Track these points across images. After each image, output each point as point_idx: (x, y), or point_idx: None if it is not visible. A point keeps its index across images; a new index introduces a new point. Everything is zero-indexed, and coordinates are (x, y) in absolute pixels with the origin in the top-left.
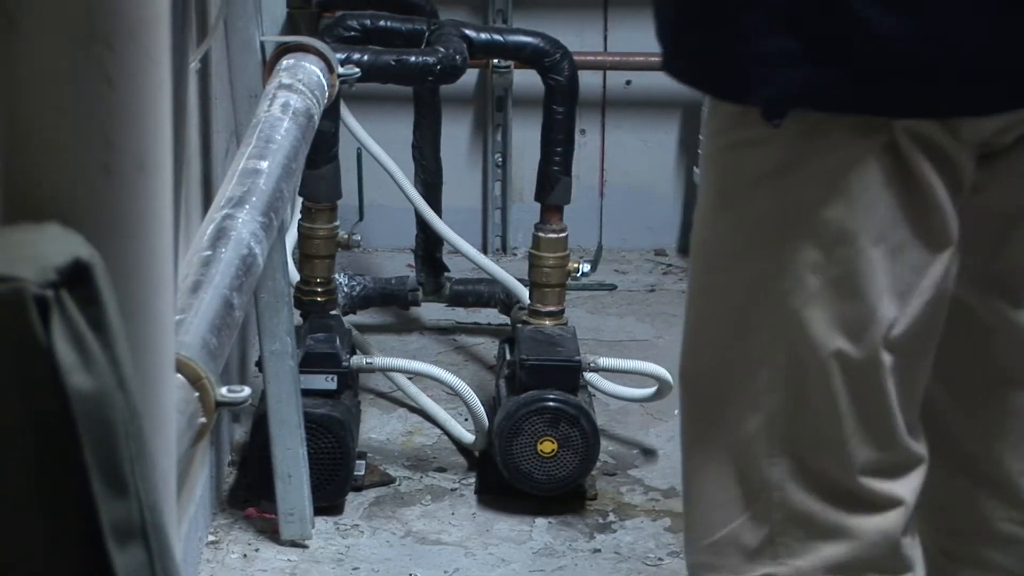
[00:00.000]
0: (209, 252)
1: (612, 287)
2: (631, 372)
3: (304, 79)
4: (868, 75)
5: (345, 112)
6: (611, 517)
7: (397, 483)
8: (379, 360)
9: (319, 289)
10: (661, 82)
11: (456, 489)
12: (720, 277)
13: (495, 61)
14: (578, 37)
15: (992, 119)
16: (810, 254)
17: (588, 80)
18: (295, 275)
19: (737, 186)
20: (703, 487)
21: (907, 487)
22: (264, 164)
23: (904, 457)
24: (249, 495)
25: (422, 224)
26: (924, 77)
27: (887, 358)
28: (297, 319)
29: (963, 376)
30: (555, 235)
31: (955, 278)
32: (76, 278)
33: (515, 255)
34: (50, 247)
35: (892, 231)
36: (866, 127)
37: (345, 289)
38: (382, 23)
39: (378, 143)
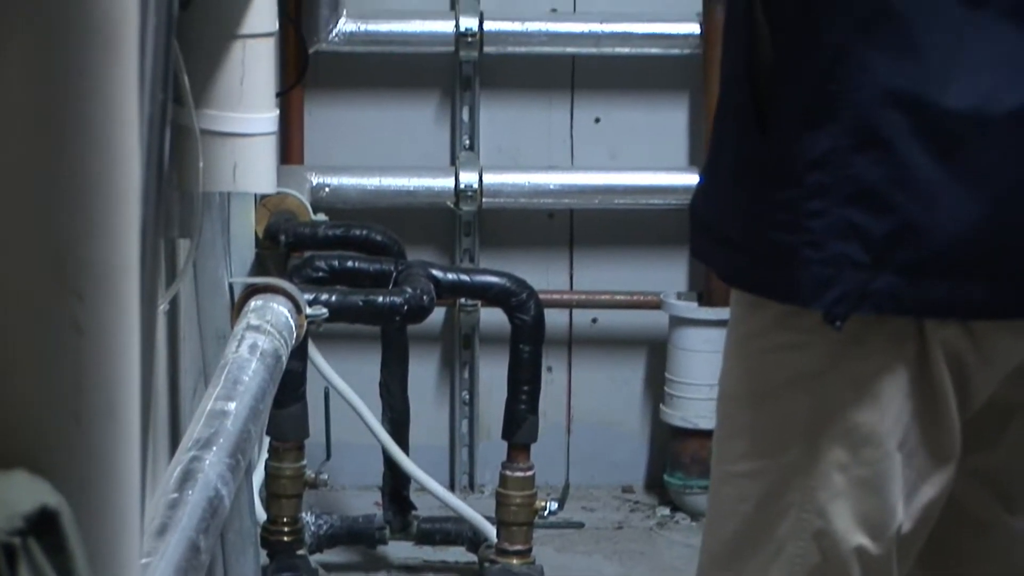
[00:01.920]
0: (176, 495)
1: (580, 525)
2: None
3: (272, 320)
4: (920, 278)
5: (313, 351)
6: None
7: None
8: None
9: (286, 528)
10: (627, 320)
11: None
12: (751, 465)
13: (462, 300)
14: (544, 275)
15: None
16: (839, 454)
17: (554, 318)
18: (262, 515)
19: (774, 386)
20: None
21: None
22: (232, 405)
23: None
24: None
25: (389, 462)
26: (974, 277)
27: (895, 555)
28: (264, 558)
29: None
30: (522, 473)
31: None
32: (43, 526)
33: (483, 492)
34: (17, 494)
35: (909, 437)
36: (902, 335)
37: (312, 528)
38: (350, 264)
39: (346, 381)
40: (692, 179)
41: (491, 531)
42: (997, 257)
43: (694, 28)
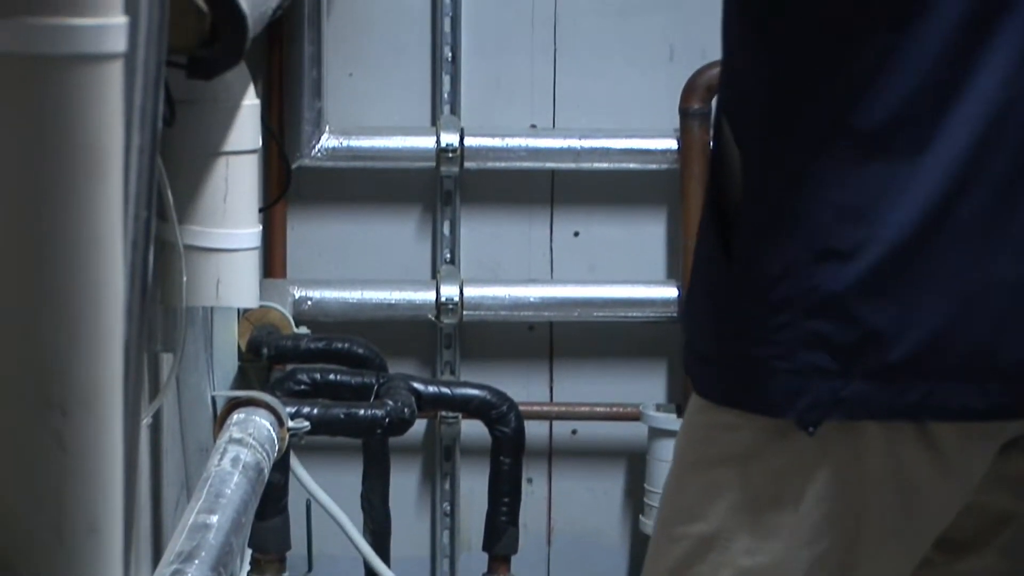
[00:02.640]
0: None
1: None
2: None
3: (254, 433)
4: (889, 384)
5: (295, 463)
6: None
7: None
8: None
9: None
10: (607, 431)
11: None
12: (674, 529)
13: (443, 412)
14: (524, 387)
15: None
16: (746, 540)
17: (534, 429)
18: None
19: (706, 460)
20: None
21: None
22: (214, 519)
23: None
24: None
25: (371, 574)
26: (944, 381)
27: None
28: None
29: None
30: None
31: None
32: None
33: None
34: None
35: (822, 538)
36: (835, 437)
37: None
38: (332, 377)
39: (328, 493)
40: (670, 292)
41: None
42: (965, 360)
43: (671, 144)
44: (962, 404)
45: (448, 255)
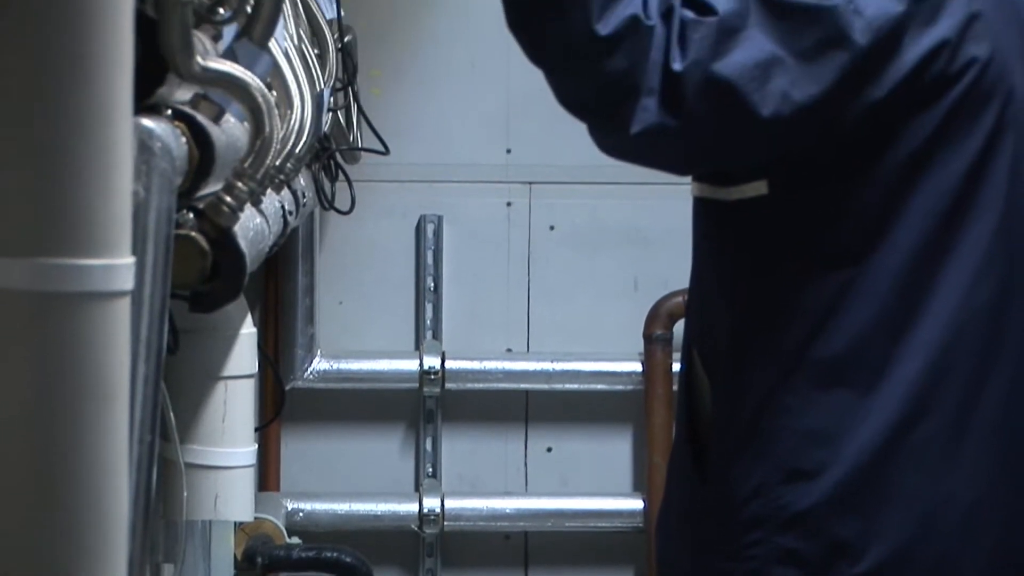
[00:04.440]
0: None
1: None
2: None
3: None
4: None
5: None
6: None
7: None
8: None
9: None
10: None
11: None
12: None
13: None
14: None
15: None
16: None
17: None
18: None
19: None
20: None
21: None
22: None
23: None
24: None
25: None
26: None
27: None
28: None
29: None
30: None
31: None
32: None
33: None
34: None
35: None
36: None
37: None
38: None
39: None
40: (637, 504)
41: None
42: (928, 573)
43: (636, 367)
44: None
45: (430, 469)
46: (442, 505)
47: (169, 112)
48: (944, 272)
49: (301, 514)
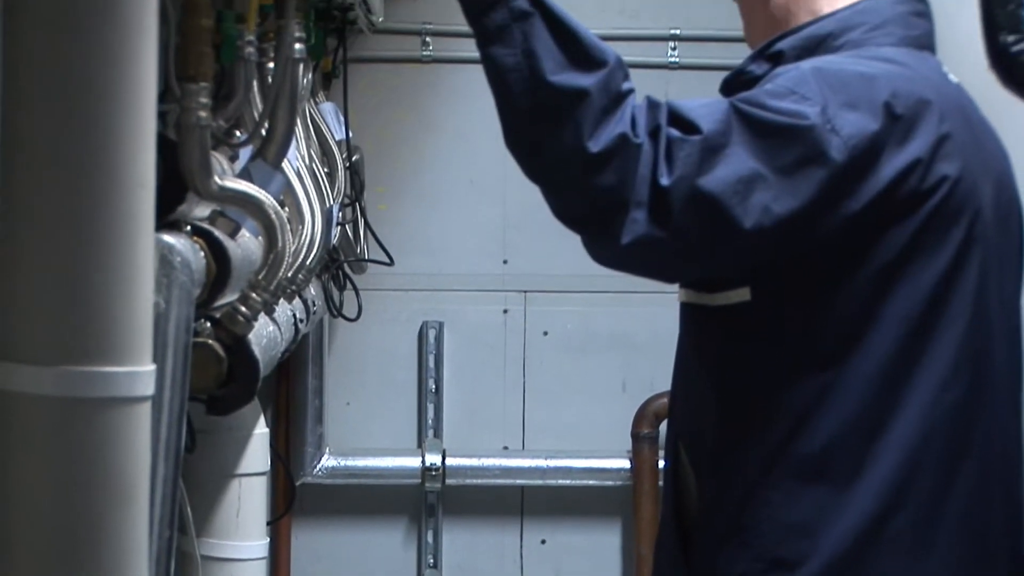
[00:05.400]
0: None
1: None
2: None
3: None
4: None
5: None
6: None
7: None
8: None
9: None
10: None
11: None
12: None
13: None
14: None
15: None
16: None
17: None
18: None
19: None
20: None
21: None
22: None
23: None
24: None
25: None
26: None
27: None
28: None
29: None
30: None
31: None
32: None
33: None
34: None
35: None
36: None
37: None
38: None
39: None
40: None
41: None
42: None
43: (625, 463)
44: None
45: (431, 560)
46: None
47: (188, 228)
48: (916, 375)
49: None
